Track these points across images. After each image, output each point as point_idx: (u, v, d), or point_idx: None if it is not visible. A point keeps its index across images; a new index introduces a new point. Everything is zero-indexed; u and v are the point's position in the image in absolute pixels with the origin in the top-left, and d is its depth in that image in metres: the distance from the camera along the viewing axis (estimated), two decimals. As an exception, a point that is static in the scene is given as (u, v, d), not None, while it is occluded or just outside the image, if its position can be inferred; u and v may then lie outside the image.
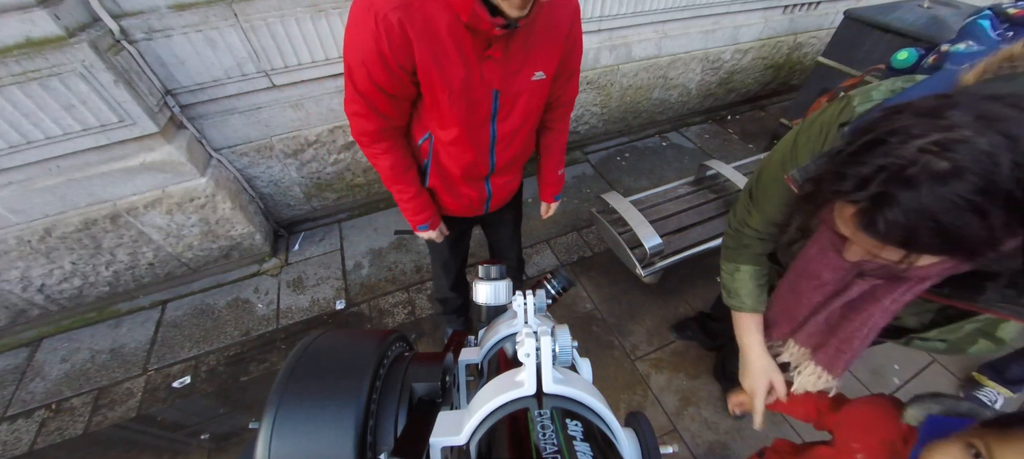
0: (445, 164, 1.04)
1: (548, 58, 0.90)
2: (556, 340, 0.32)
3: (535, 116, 1.02)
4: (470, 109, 0.89)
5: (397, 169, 1.02)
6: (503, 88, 0.88)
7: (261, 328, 1.99)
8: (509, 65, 0.85)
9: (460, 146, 0.96)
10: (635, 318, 2.01)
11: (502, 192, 1.21)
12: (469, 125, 0.92)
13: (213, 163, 1.89)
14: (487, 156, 1.02)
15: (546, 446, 0.24)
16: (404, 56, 0.77)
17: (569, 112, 1.17)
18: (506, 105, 0.92)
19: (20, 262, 1.72)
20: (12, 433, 1.65)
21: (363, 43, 0.76)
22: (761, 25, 3.02)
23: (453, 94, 0.84)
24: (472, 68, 0.82)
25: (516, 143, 1.03)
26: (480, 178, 1.10)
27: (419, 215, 1.14)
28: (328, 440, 0.25)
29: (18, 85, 1.33)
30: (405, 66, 0.79)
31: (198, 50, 1.64)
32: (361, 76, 0.81)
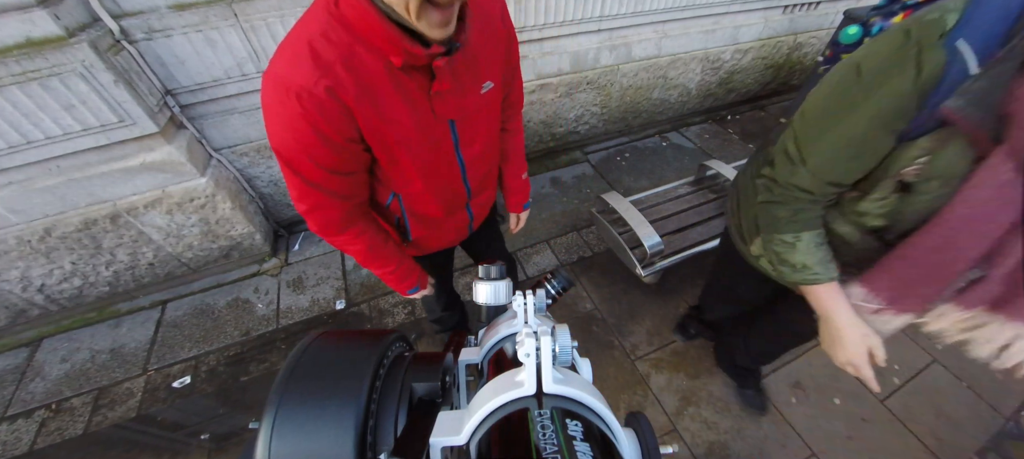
0: (422, 212, 0.96)
1: (493, 64, 0.80)
2: (556, 340, 0.32)
3: (496, 125, 0.95)
4: (433, 151, 0.81)
5: (375, 248, 0.93)
6: (458, 115, 0.79)
7: (261, 328, 1.99)
8: (458, 88, 0.74)
9: (432, 190, 0.89)
10: (635, 318, 2.01)
11: (483, 209, 1.14)
12: (435, 167, 0.84)
13: (213, 163, 1.89)
14: (461, 185, 0.95)
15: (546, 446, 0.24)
16: (347, 127, 0.67)
17: (520, 110, 1.08)
18: (466, 130, 0.83)
19: (20, 262, 1.72)
20: (12, 433, 1.65)
21: (295, 129, 0.65)
22: (761, 25, 3.02)
23: (411, 146, 0.75)
24: (422, 110, 0.72)
25: (485, 160, 0.95)
26: (461, 209, 1.03)
27: (405, 282, 1.06)
28: (328, 440, 0.25)
29: (18, 85, 1.33)
30: (353, 137, 0.69)
31: (198, 50, 1.64)
32: (306, 166, 0.70)
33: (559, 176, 2.86)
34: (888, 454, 1.57)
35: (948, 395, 1.75)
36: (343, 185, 0.77)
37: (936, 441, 1.60)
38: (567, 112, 2.78)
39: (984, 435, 1.62)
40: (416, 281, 1.09)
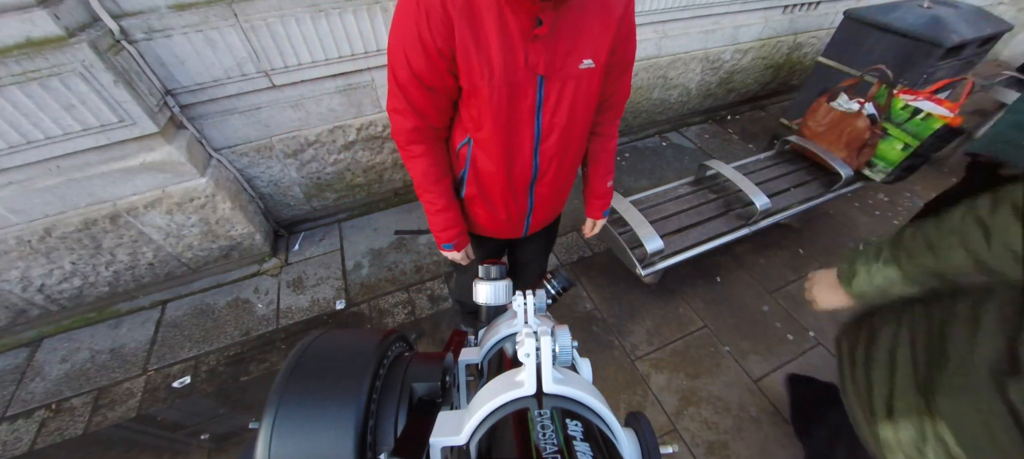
0: (483, 170, 0.95)
1: (598, 44, 0.80)
2: (556, 340, 0.32)
3: (586, 113, 0.91)
4: (512, 98, 0.81)
5: (429, 176, 0.95)
6: (549, 73, 0.79)
7: (261, 328, 1.99)
8: (557, 46, 0.77)
9: (500, 144, 0.88)
10: (635, 318, 2.01)
11: (545, 207, 1.09)
12: (510, 118, 0.84)
13: (213, 163, 1.89)
14: (530, 158, 0.92)
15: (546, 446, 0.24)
16: (443, 39, 0.73)
17: (619, 115, 1.05)
18: (552, 94, 0.83)
19: (20, 262, 1.72)
20: (12, 433, 1.65)
21: (405, 29, 0.74)
22: (761, 25, 3.02)
23: (494, 79, 0.77)
24: (516, 50, 0.75)
25: (562, 143, 0.92)
26: (523, 187, 0.99)
27: (446, 231, 1.05)
28: (328, 440, 0.25)
29: (18, 85, 1.33)
30: (444, 51, 0.74)
31: (198, 50, 1.64)
32: (401, 66, 0.78)
33: (559, 176, 2.86)
34: (888, 454, 1.57)
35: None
36: (423, 99, 0.82)
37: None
38: (567, 112, 2.78)
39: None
40: (455, 236, 1.07)
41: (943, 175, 2.87)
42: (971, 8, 2.40)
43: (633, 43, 0.89)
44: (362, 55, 1.92)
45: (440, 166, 0.96)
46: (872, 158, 2.04)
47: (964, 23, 2.26)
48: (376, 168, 2.40)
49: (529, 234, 1.17)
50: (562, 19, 0.75)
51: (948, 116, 1.77)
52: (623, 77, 0.95)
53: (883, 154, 1.99)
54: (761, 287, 2.16)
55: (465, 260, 1.15)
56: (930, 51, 2.25)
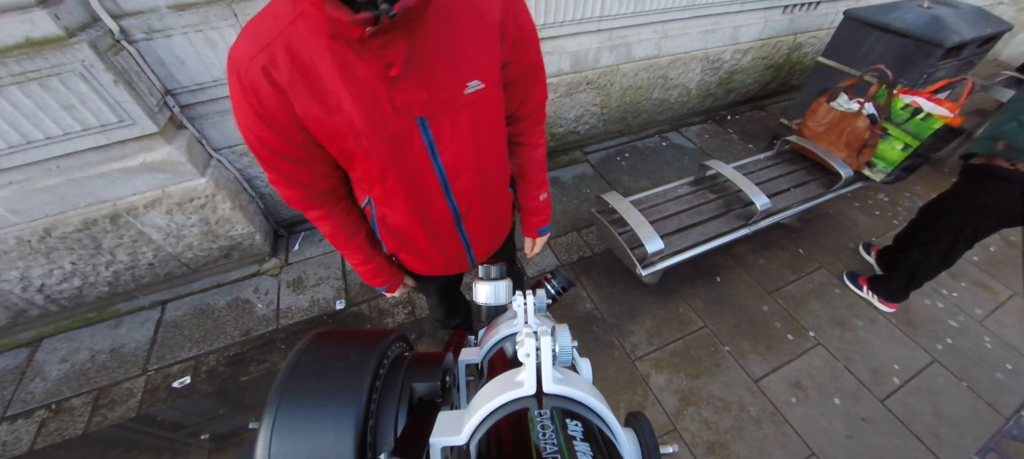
0: (396, 226, 0.86)
1: (481, 60, 0.69)
2: (556, 340, 0.32)
3: (493, 135, 0.80)
4: (395, 150, 0.70)
5: (339, 236, 0.88)
6: (430, 111, 0.68)
7: (261, 328, 1.99)
8: (427, 78, 0.64)
9: (402, 199, 0.79)
10: (635, 318, 2.01)
11: (485, 239, 1.00)
12: (402, 170, 0.73)
13: (213, 163, 1.89)
14: (445, 202, 0.82)
15: (546, 446, 0.24)
16: (283, 111, 0.62)
17: (540, 120, 0.93)
18: (444, 131, 0.71)
19: (20, 262, 1.72)
20: (12, 433, 1.65)
21: (240, 108, 0.63)
22: (761, 25, 3.02)
23: (360, 140, 0.66)
24: (377, 97, 0.63)
25: (477, 176, 0.81)
26: (448, 230, 0.90)
27: (375, 279, 1.00)
28: (328, 440, 0.25)
29: (18, 85, 1.33)
30: (291, 126, 0.64)
31: (198, 50, 1.64)
32: (257, 146, 0.68)
33: (559, 176, 2.86)
34: (888, 454, 1.57)
35: (948, 395, 1.75)
36: (294, 170, 0.72)
37: (936, 441, 1.60)
38: (567, 112, 2.78)
39: (984, 435, 1.62)
40: (385, 281, 1.01)
41: (943, 175, 2.87)
42: (971, 8, 2.40)
43: (530, 42, 0.77)
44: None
45: (347, 225, 0.88)
46: (872, 158, 2.04)
47: (964, 23, 2.26)
48: (376, 168, 2.40)
49: (480, 263, 1.10)
50: (421, 48, 0.62)
51: (948, 116, 1.77)
52: (532, 80, 0.83)
53: (883, 154, 2.00)
54: (761, 287, 2.16)
55: (405, 291, 1.10)
56: (930, 51, 2.25)
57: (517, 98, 0.83)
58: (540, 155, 0.99)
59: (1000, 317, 2.04)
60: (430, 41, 0.62)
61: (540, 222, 1.10)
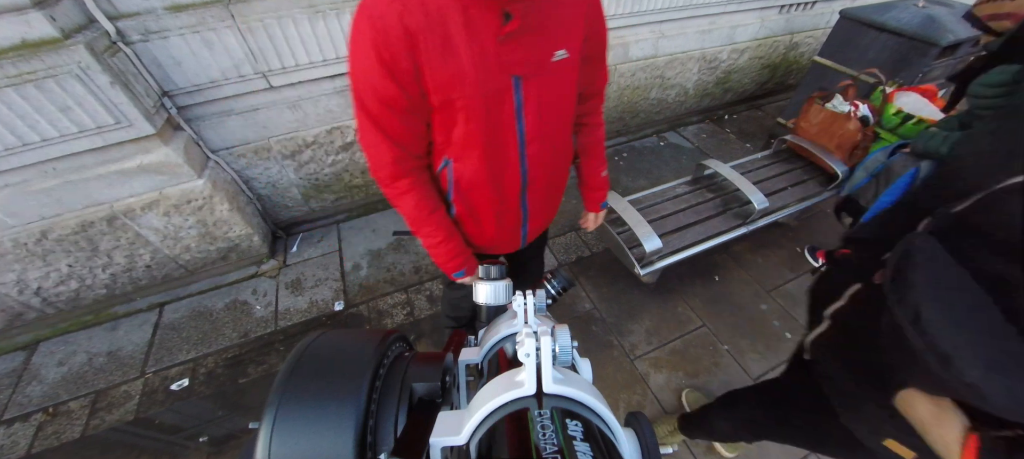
0: (469, 188, 0.89)
1: (570, 32, 0.75)
2: (556, 340, 0.32)
3: (568, 107, 0.86)
4: (489, 105, 0.75)
5: (422, 209, 0.88)
6: (525, 72, 0.73)
7: (259, 330, 1.98)
8: (530, 40, 0.71)
9: (483, 157, 0.82)
10: (634, 317, 2.01)
11: (540, 215, 1.04)
12: (490, 127, 0.78)
13: (210, 165, 1.89)
14: (518, 166, 0.86)
15: (546, 446, 0.24)
16: (407, 59, 0.67)
17: (601, 102, 1.01)
18: (531, 94, 0.76)
19: (16, 265, 1.71)
20: (9, 437, 1.64)
21: (364, 55, 0.67)
22: (757, 25, 3.03)
23: (466, 89, 0.71)
24: (487, 52, 0.69)
25: (550, 144, 0.86)
26: (514, 197, 0.93)
27: (452, 261, 0.99)
28: (328, 440, 0.25)
29: (14, 87, 1.32)
30: (408, 72, 0.69)
31: (195, 51, 1.63)
32: (368, 95, 0.72)
33: (557, 176, 2.86)
34: (886, 451, 1.57)
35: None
36: (397, 127, 0.76)
37: (934, 438, 1.61)
38: (565, 112, 2.79)
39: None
40: (462, 263, 1.01)
41: (939, 173, 2.89)
42: (966, 7, 2.42)
43: (603, 28, 0.84)
44: (360, 56, 1.92)
45: (431, 197, 0.89)
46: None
47: (959, 22, 2.27)
48: (374, 169, 2.40)
49: (529, 242, 1.12)
50: (532, 10, 0.68)
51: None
52: (600, 64, 0.90)
53: (877, 154, 2.01)
54: (759, 286, 2.16)
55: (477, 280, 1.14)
56: (925, 50, 2.26)
57: (587, 77, 0.88)
58: (601, 135, 1.08)
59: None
60: (537, 7, 0.69)
61: (602, 197, 1.20)
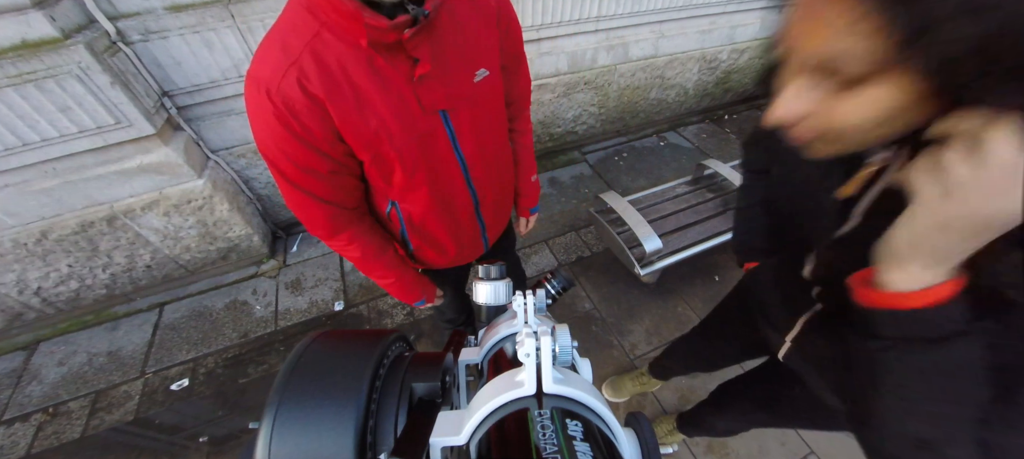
0: (422, 223, 0.88)
1: (485, 51, 0.74)
2: (556, 340, 0.32)
3: (499, 121, 0.86)
4: (424, 146, 0.73)
5: (368, 258, 0.88)
6: (450, 105, 0.72)
7: (259, 330, 1.98)
8: (445, 73, 0.69)
9: (430, 194, 0.81)
10: (634, 317, 2.01)
11: (497, 221, 1.06)
12: (431, 165, 0.76)
13: (210, 165, 1.89)
14: (466, 190, 0.86)
15: (546, 446, 0.24)
16: (319, 121, 0.63)
17: (527, 107, 1.00)
18: (463, 123, 0.75)
19: (16, 265, 1.71)
20: (8, 437, 1.64)
21: (270, 128, 0.62)
22: (758, 25, 3.03)
23: (394, 141, 0.68)
24: (406, 98, 0.67)
25: (491, 161, 0.87)
26: (468, 218, 0.94)
27: (409, 295, 1.01)
28: (328, 440, 0.25)
29: (13, 87, 1.32)
30: (327, 138, 0.65)
31: (195, 51, 1.63)
32: (285, 166, 0.67)
33: (557, 176, 2.86)
34: (886, 452, 1.57)
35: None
36: (324, 188, 0.73)
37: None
38: (565, 112, 2.79)
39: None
40: (421, 294, 1.04)
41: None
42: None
43: (517, 33, 0.83)
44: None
45: (375, 241, 0.88)
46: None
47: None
48: (374, 169, 2.40)
49: (491, 246, 1.14)
50: (440, 43, 0.66)
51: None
52: (519, 71, 0.89)
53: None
54: (759, 286, 2.16)
55: (441, 299, 1.16)
56: (926, 50, 2.26)
57: (507, 84, 0.87)
58: (529, 140, 1.07)
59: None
60: (445, 37, 0.66)
61: (532, 203, 1.20)
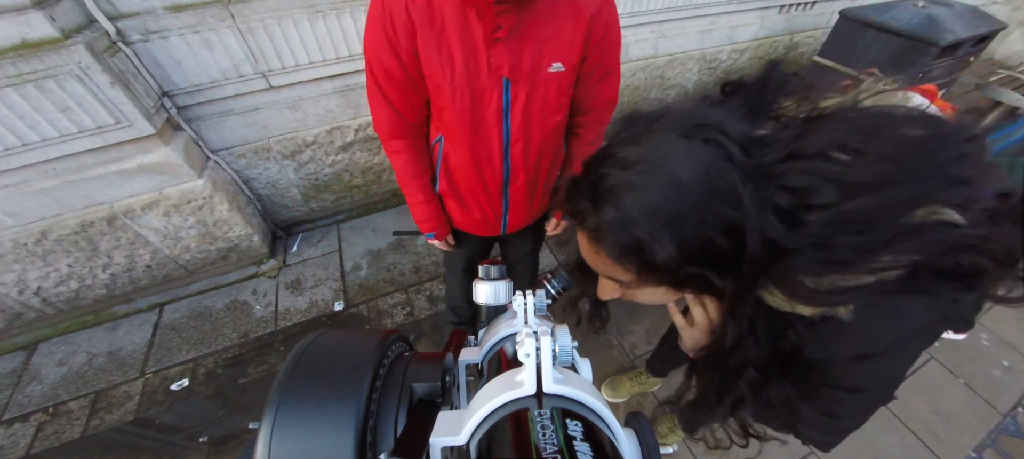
0: (455, 168, 0.97)
1: (567, 47, 0.80)
2: (556, 340, 0.32)
3: (556, 115, 0.90)
4: (476, 101, 0.82)
5: (409, 171, 0.99)
6: (514, 77, 0.80)
7: (259, 330, 1.98)
8: (521, 48, 0.77)
9: (467, 145, 0.89)
10: (634, 317, 2.01)
11: (521, 210, 1.08)
12: (475, 120, 0.85)
13: (210, 165, 1.89)
14: (501, 161, 0.92)
15: (546, 446, 0.24)
16: (407, 39, 0.76)
17: (603, 119, 1.01)
18: (519, 98, 0.83)
19: (16, 265, 1.71)
20: (8, 437, 1.64)
21: (374, 30, 0.77)
22: (757, 25, 3.03)
23: (455, 80, 0.79)
24: (478, 53, 0.77)
25: (533, 146, 0.92)
26: (496, 188, 0.99)
27: (426, 222, 1.10)
28: (328, 440, 0.25)
29: (13, 87, 1.32)
30: (407, 52, 0.78)
31: (195, 51, 1.63)
32: (375, 63, 0.82)
33: (557, 176, 2.86)
34: (886, 451, 1.58)
35: (945, 392, 1.75)
36: (396, 96, 0.86)
37: (933, 438, 1.61)
38: (565, 112, 2.78)
39: (981, 432, 1.63)
40: (435, 226, 1.11)
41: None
42: (965, 7, 2.42)
43: (613, 45, 0.87)
44: (359, 56, 1.92)
45: (419, 162, 0.99)
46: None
47: (958, 22, 2.28)
48: (374, 169, 2.40)
49: (508, 233, 1.17)
50: (525, 23, 0.75)
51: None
52: (604, 81, 0.92)
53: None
54: (759, 286, 2.16)
55: (447, 247, 1.20)
56: (925, 50, 2.26)
57: (587, 92, 0.93)
58: (591, 151, 1.04)
59: (997, 314, 2.05)
60: (533, 19, 0.76)
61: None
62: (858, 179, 0.36)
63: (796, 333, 0.52)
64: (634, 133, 0.45)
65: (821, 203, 0.37)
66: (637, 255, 0.42)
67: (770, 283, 0.43)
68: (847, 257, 0.38)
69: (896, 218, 0.36)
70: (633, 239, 0.41)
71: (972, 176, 0.37)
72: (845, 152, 0.37)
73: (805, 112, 0.45)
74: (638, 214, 0.40)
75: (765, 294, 0.46)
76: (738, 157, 0.39)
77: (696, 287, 0.46)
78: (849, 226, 0.37)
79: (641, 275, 0.44)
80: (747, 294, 0.45)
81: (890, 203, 0.36)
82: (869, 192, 0.35)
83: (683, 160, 0.39)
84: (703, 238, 0.40)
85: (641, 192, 0.40)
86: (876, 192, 0.35)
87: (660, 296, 0.53)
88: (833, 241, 0.37)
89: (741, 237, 0.40)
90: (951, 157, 0.36)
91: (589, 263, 0.51)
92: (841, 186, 0.36)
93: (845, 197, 0.36)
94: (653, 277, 0.44)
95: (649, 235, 0.40)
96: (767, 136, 0.42)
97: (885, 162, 0.36)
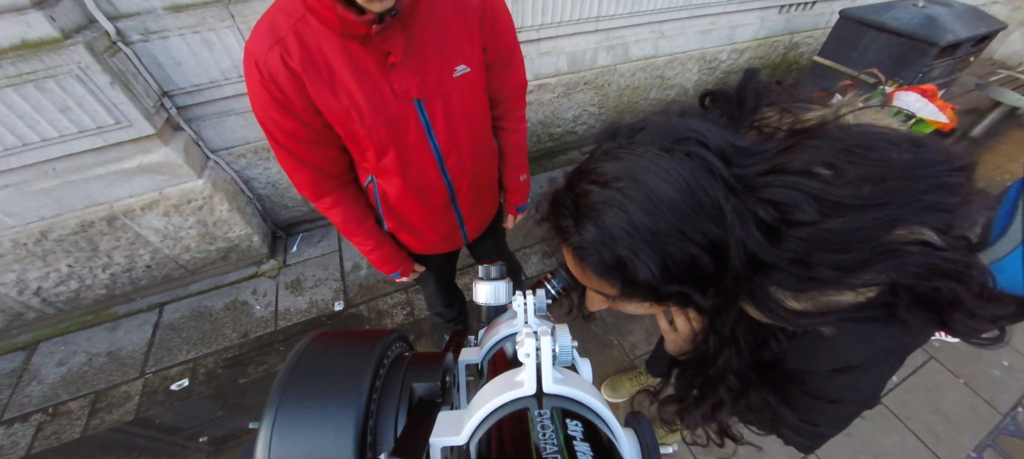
0: (396, 203, 0.93)
1: (466, 47, 0.78)
2: (556, 340, 0.32)
3: (480, 117, 0.90)
4: (394, 131, 0.78)
5: (350, 223, 0.95)
6: (424, 93, 0.77)
7: (259, 330, 1.98)
8: (422, 65, 0.74)
9: (401, 176, 0.85)
10: (633, 318, 2.01)
11: (476, 214, 1.08)
12: (401, 149, 0.81)
13: (210, 165, 1.89)
14: (440, 179, 0.91)
15: (546, 446, 0.24)
16: (298, 97, 0.70)
17: (518, 106, 1.02)
18: (437, 113, 0.80)
19: (16, 265, 1.71)
20: (8, 437, 1.64)
21: (258, 95, 0.71)
22: (757, 25, 3.03)
23: (365, 121, 0.75)
24: (378, 83, 0.73)
25: (468, 154, 0.91)
26: (443, 206, 0.98)
27: (385, 266, 1.07)
28: (328, 440, 0.25)
29: (13, 87, 1.32)
30: (303, 108, 0.72)
31: (195, 52, 1.63)
32: (273, 129, 0.75)
33: (557, 176, 2.85)
34: (886, 451, 1.58)
35: (945, 392, 1.75)
36: (309, 154, 0.80)
37: (934, 438, 1.61)
38: (565, 112, 2.79)
39: (981, 432, 1.63)
40: (397, 267, 1.08)
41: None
42: (965, 7, 2.42)
43: (506, 33, 0.86)
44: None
45: (357, 210, 0.95)
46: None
47: (958, 22, 2.28)
48: (374, 169, 2.40)
49: (471, 240, 1.16)
50: (415, 38, 0.72)
51: (941, 122, 1.79)
52: (508, 69, 0.91)
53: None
54: (759, 286, 2.16)
55: (416, 276, 1.18)
56: (925, 50, 2.26)
57: (496, 83, 0.91)
58: (519, 139, 1.07)
59: (996, 314, 2.06)
60: (422, 32, 0.72)
61: (519, 200, 1.20)
62: (841, 199, 0.36)
63: (777, 343, 0.53)
64: (614, 147, 0.45)
65: (802, 220, 0.37)
66: (620, 272, 0.42)
67: (750, 300, 0.44)
68: (827, 275, 0.38)
69: (876, 239, 0.37)
70: (616, 257, 0.41)
71: (954, 204, 0.37)
72: (829, 170, 0.38)
73: (788, 125, 0.45)
74: (620, 232, 0.40)
75: (747, 307, 0.47)
76: (720, 169, 0.39)
77: (679, 303, 0.47)
78: (830, 244, 0.37)
79: (625, 291, 0.45)
80: (729, 308, 0.46)
81: (871, 225, 0.36)
82: (851, 212, 0.36)
83: (664, 175, 0.39)
84: (685, 255, 0.40)
85: (622, 209, 0.40)
86: (858, 213, 0.36)
87: (647, 309, 0.54)
88: (813, 258, 0.38)
89: (723, 253, 0.40)
90: (935, 184, 0.36)
91: (576, 276, 0.51)
92: (823, 204, 0.36)
93: (827, 215, 0.36)
94: (637, 293, 0.44)
95: (631, 252, 0.40)
96: (749, 147, 0.42)
97: (869, 183, 0.36)
